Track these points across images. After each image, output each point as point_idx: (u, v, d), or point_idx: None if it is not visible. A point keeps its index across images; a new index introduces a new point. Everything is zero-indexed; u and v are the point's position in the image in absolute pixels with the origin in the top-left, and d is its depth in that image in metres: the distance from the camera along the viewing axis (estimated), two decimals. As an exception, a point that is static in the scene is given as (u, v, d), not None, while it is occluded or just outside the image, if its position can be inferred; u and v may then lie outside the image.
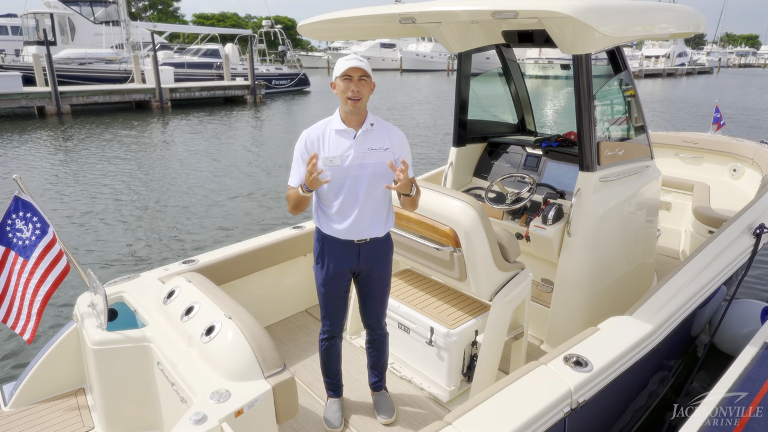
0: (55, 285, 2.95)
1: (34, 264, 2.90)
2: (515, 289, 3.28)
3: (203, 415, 2.20)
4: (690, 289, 3.35)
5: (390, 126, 2.80)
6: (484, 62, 4.65)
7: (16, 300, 2.93)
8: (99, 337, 2.78)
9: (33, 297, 2.91)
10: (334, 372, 3.20)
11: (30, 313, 2.92)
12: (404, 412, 3.27)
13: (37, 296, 2.91)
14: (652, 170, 4.04)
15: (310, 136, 2.71)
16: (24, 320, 2.93)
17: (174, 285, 3.03)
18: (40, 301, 2.91)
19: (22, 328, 2.93)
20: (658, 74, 57.59)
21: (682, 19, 3.65)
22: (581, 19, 2.76)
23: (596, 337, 2.85)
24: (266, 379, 2.44)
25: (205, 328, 2.61)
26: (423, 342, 3.42)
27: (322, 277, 2.89)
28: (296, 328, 4.18)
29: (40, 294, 2.91)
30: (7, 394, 3.15)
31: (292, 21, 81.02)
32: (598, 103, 3.54)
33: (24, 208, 2.91)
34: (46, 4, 29.70)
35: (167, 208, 9.32)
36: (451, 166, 4.55)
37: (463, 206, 3.07)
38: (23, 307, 2.92)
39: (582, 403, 2.51)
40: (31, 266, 2.90)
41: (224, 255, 3.80)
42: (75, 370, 3.23)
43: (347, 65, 2.59)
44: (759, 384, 2.60)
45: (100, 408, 2.90)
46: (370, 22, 3.72)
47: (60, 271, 2.95)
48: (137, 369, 2.81)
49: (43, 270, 2.91)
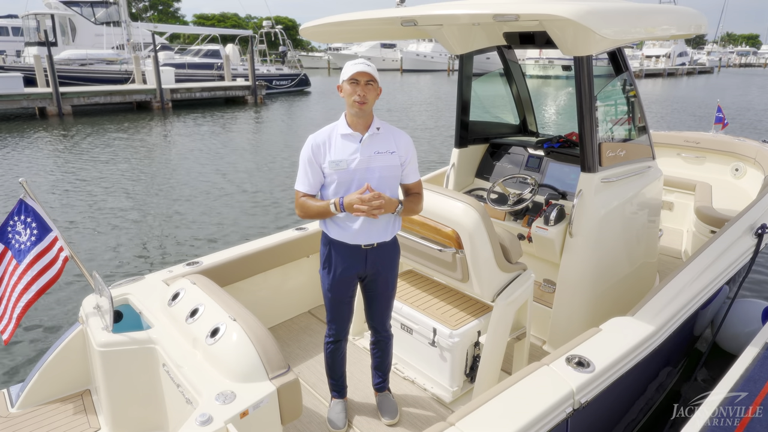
0: (40, 292, 2.91)
1: (23, 269, 2.89)
2: (517, 290, 3.29)
3: (209, 416, 2.22)
4: (692, 289, 3.36)
5: (396, 130, 2.81)
6: (485, 62, 4.66)
7: (3, 300, 2.92)
8: (105, 339, 2.79)
9: (17, 300, 2.90)
10: (339, 374, 3.22)
11: (12, 316, 2.90)
12: (407, 412, 3.29)
13: (20, 302, 2.89)
14: (653, 170, 4.06)
15: (316, 140, 2.72)
16: (6, 321, 2.91)
17: (179, 287, 3.05)
18: (22, 307, 2.89)
19: (3, 327, 2.90)
20: (658, 74, 57.61)
21: (683, 21, 3.66)
22: (582, 22, 2.78)
23: (598, 337, 2.87)
24: (271, 380, 2.46)
25: (209, 330, 2.63)
26: (426, 343, 3.44)
27: (329, 282, 2.89)
28: (299, 330, 4.20)
29: (23, 301, 2.89)
30: (14, 395, 3.17)
31: (292, 21, 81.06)
32: (600, 104, 3.55)
33: (26, 212, 2.92)
34: (47, 5, 29.73)
35: (168, 210, 9.34)
36: (453, 167, 4.57)
37: (465, 208, 3.08)
38: (8, 308, 2.91)
39: (584, 403, 2.52)
40: (20, 271, 2.89)
41: (228, 257, 3.82)
42: (81, 372, 3.25)
43: (354, 69, 2.59)
44: (760, 384, 2.61)
45: (106, 409, 2.92)
46: (372, 25, 3.74)
47: (48, 279, 2.92)
48: (143, 370, 2.83)
49: (30, 277, 2.89)
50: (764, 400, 2.52)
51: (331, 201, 2.64)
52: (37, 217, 2.90)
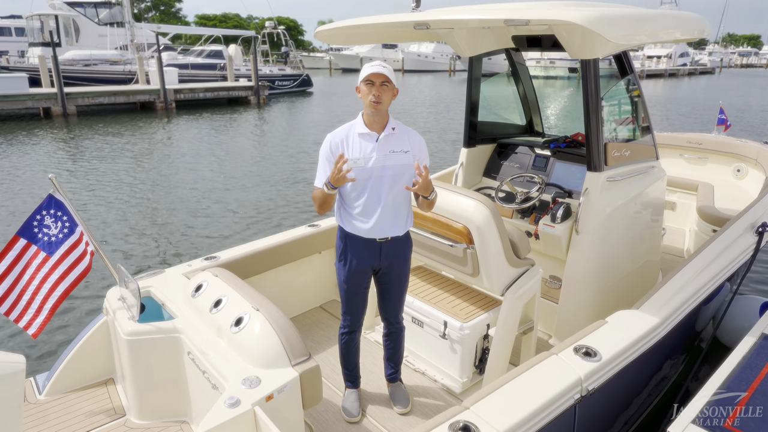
0: (75, 284, 3.01)
1: (56, 261, 2.98)
2: (526, 284, 3.41)
3: (237, 399, 2.34)
4: (694, 284, 3.48)
5: (410, 130, 2.94)
6: (486, 63, 4.77)
7: (25, 294, 2.95)
8: (131, 328, 2.92)
9: (49, 293, 2.95)
10: (353, 364, 3.34)
11: (41, 308, 2.94)
12: (419, 402, 3.40)
13: (54, 292, 2.96)
14: (657, 170, 4.17)
15: (334, 139, 2.84)
16: (32, 314, 2.94)
17: (201, 279, 3.17)
18: (57, 297, 2.96)
19: (28, 322, 2.93)
20: (660, 74, 57.70)
21: (686, 26, 3.77)
22: (591, 27, 2.90)
23: (604, 329, 2.99)
24: (293, 366, 2.59)
25: (234, 320, 2.75)
26: (437, 335, 3.55)
27: (345, 274, 3.02)
28: (312, 324, 4.32)
29: (58, 291, 2.96)
30: (41, 383, 3.30)
31: (293, 22, 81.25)
32: (605, 105, 3.66)
33: (56, 206, 3.04)
34: (51, 5, 29.89)
35: (173, 208, 9.46)
36: (461, 166, 4.69)
37: (476, 204, 3.20)
38: (33, 301, 2.95)
39: (592, 390, 2.64)
40: (53, 262, 2.97)
41: (244, 252, 3.94)
42: (105, 361, 3.38)
43: (370, 71, 2.72)
44: (756, 371, 2.74)
45: (132, 396, 3.04)
46: (385, 28, 3.86)
47: (81, 271, 3.02)
48: (168, 358, 2.95)
49: (65, 268, 2.99)
50: (759, 385, 2.64)
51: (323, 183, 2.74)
52: (67, 211, 3.02)
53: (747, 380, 2.68)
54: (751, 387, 2.63)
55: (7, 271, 2.91)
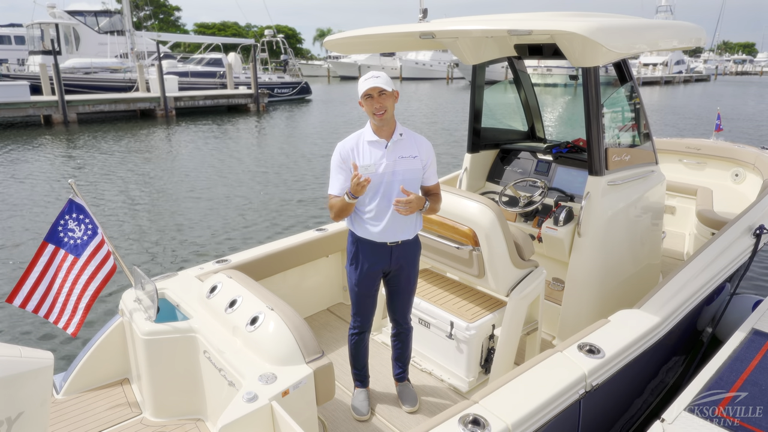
0: (104, 282, 3.14)
1: (84, 262, 3.10)
2: (530, 285, 3.50)
3: (254, 394, 2.43)
4: (694, 284, 3.58)
5: (417, 136, 3.04)
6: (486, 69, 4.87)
7: (60, 296, 3.09)
8: (149, 328, 3.00)
9: (82, 293, 3.09)
10: (362, 364, 3.42)
11: (76, 308, 3.08)
12: (426, 401, 3.48)
13: (87, 292, 3.09)
14: (657, 175, 4.28)
15: (344, 147, 2.93)
16: (69, 315, 3.08)
17: (215, 281, 3.25)
18: (90, 297, 3.09)
19: (66, 323, 3.08)
20: (655, 82, 58.11)
21: (683, 35, 3.90)
22: (592, 37, 3.01)
23: (607, 327, 3.08)
24: (307, 363, 2.67)
25: (249, 319, 2.84)
26: (443, 336, 3.64)
27: (356, 277, 3.10)
28: (320, 326, 4.40)
29: (90, 290, 3.10)
30: (57, 383, 3.37)
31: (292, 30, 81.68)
32: (606, 111, 3.77)
33: (77, 210, 3.14)
34: (52, 14, 30.06)
35: (174, 215, 9.54)
36: (465, 171, 4.79)
37: (481, 208, 3.30)
38: (68, 302, 3.08)
39: (595, 386, 2.73)
40: (81, 264, 3.10)
41: (255, 255, 4.02)
42: (120, 361, 3.46)
43: (365, 86, 2.78)
44: (746, 363, 2.87)
45: (148, 395, 3.11)
46: (392, 37, 3.97)
47: (108, 270, 3.15)
48: (184, 357, 3.03)
49: (93, 268, 3.11)
50: (749, 376, 2.76)
51: (345, 193, 2.82)
52: (88, 214, 3.12)
53: (737, 371, 2.81)
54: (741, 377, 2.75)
55: (41, 277, 3.02)
